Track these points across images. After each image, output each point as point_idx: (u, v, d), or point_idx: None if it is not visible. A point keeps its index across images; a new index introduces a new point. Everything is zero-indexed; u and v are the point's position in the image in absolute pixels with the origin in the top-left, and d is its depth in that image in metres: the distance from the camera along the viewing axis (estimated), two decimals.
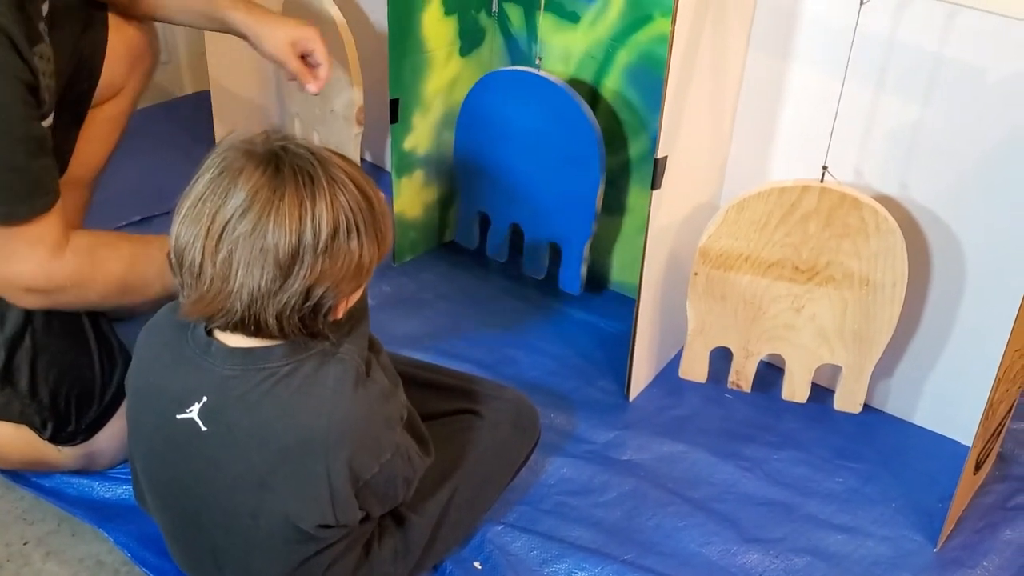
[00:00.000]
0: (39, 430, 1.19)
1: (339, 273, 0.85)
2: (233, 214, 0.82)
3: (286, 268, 0.83)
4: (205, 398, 0.89)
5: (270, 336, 0.87)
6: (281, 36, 1.33)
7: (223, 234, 0.82)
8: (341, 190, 0.84)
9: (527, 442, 1.19)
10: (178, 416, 0.90)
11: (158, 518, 1.03)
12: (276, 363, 0.88)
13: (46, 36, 1.07)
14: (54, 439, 1.19)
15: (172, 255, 0.86)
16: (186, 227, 0.84)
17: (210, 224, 0.82)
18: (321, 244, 0.83)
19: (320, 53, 1.36)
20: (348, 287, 0.87)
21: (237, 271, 0.82)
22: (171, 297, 1.01)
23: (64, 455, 1.21)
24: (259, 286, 0.83)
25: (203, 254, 0.83)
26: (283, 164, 0.83)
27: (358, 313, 0.95)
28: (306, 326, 0.87)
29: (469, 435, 1.13)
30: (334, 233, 0.83)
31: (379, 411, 0.92)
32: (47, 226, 1.01)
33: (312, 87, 1.37)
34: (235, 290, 0.83)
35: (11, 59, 0.93)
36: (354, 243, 0.85)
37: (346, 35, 1.64)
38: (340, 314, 0.90)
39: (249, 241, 0.82)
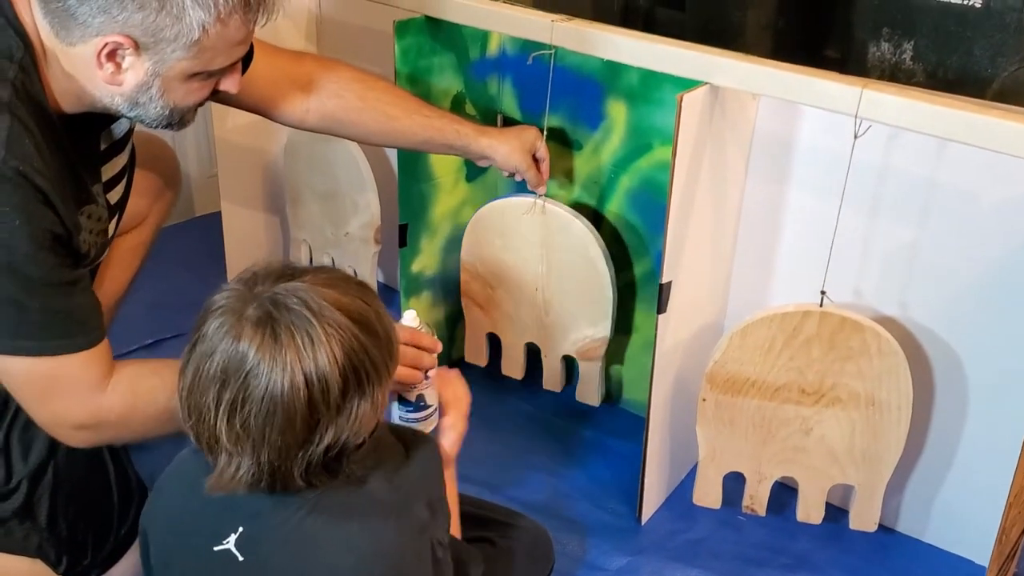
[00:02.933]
0: (54, 565, 1.18)
1: (356, 421, 0.85)
2: (238, 394, 0.80)
3: (303, 436, 0.82)
4: (241, 528, 0.88)
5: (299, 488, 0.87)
6: (518, 147, 1.39)
7: (232, 412, 0.81)
8: (341, 335, 0.82)
9: (541, 571, 1.18)
10: (215, 548, 0.89)
11: None
12: (304, 495, 0.87)
13: (100, 197, 1.10)
14: (68, 574, 1.19)
15: (188, 430, 0.86)
16: (193, 404, 0.83)
17: (217, 402, 0.81)
18: (333, 405, 0.82)
19: (543, 148, 1.42)
20: (367, 426, 0.88)
21: (254, 445, 0.82)
22: None
23: None
24: (279, 454, 0.82)
25: (216, 431, 0.82)
26: (279, 326, 0.81)
27: (380, 438, 0.93)
28: (330, 471, 0.86)
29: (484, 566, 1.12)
30: (344, 392, 0.82)
31: (409, 545, 0.91)
32: (89, 361, 1.02)
33: (542, 189, 1.43)
34: (255, 462, 0.83)
35: (46, 213, 0.97)
36: (366, 396, 0.84)
37: (363, 162, 1.70)
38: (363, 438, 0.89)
39: (260, 417, 0.81)
